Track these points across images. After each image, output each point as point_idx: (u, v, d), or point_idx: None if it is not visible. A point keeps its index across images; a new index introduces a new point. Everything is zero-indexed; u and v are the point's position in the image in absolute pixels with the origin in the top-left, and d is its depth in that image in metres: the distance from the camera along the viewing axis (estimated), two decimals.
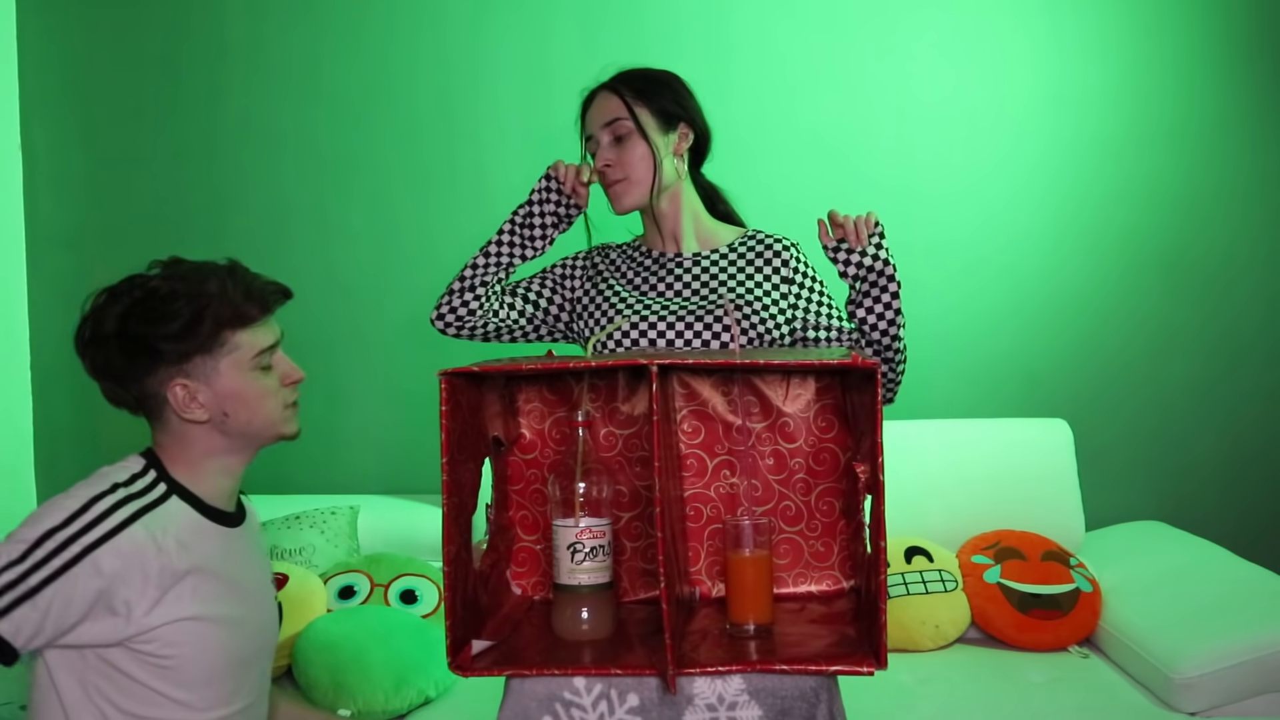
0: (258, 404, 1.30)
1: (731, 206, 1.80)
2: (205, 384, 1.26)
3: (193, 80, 2.83)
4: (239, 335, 1.28)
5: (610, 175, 1.64)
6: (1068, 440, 2.55)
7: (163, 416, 1.29)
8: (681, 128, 1.67)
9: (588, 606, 1.22)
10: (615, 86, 1.66)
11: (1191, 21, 2.75)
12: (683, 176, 1.69)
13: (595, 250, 1.77)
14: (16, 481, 2.84)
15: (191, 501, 1.28)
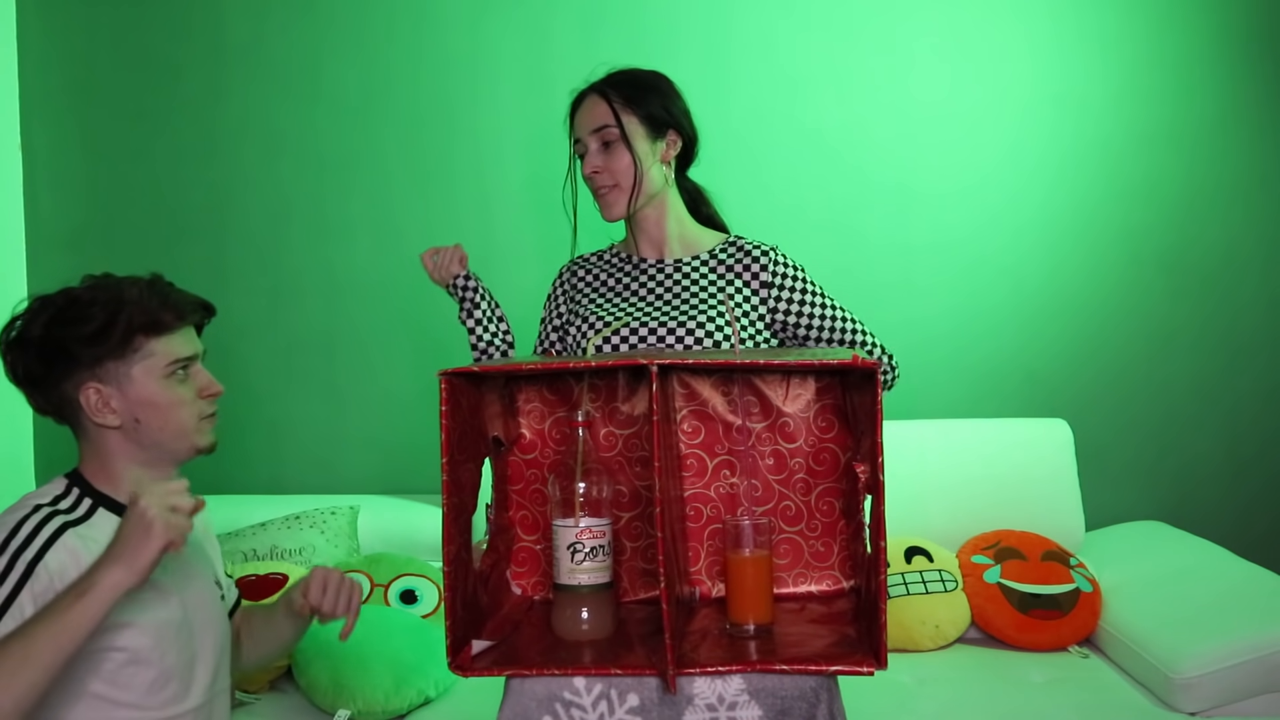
0: (169, 412, 1.30)
1: (714, 209, 1.80)
2: (117, 389, 1.28)
3: (193, 80, 2.83)
4: (153, 343, 1.30)
5: (599, 182, 1.65)
6: (1068, 440, 2.55)
7: (79, 423, 1.31)
8: (670, 135, 1.67)
9: (588, 606, 1.22)
10: (604, 91, 1.65)
11: (1191, 21, 2.75)
12: (669, 183, 1.69)
13: (568, 268, 1.79)
14: (16, 481, 2.84)
15: (118, 511, 1.29)
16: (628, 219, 1.71)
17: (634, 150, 1.62)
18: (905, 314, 2.76)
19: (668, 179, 1.69)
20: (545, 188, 2.82)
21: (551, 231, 2.81)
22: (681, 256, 1.69)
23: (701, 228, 1.74)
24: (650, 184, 1.65)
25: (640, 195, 1.64)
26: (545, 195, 2.81)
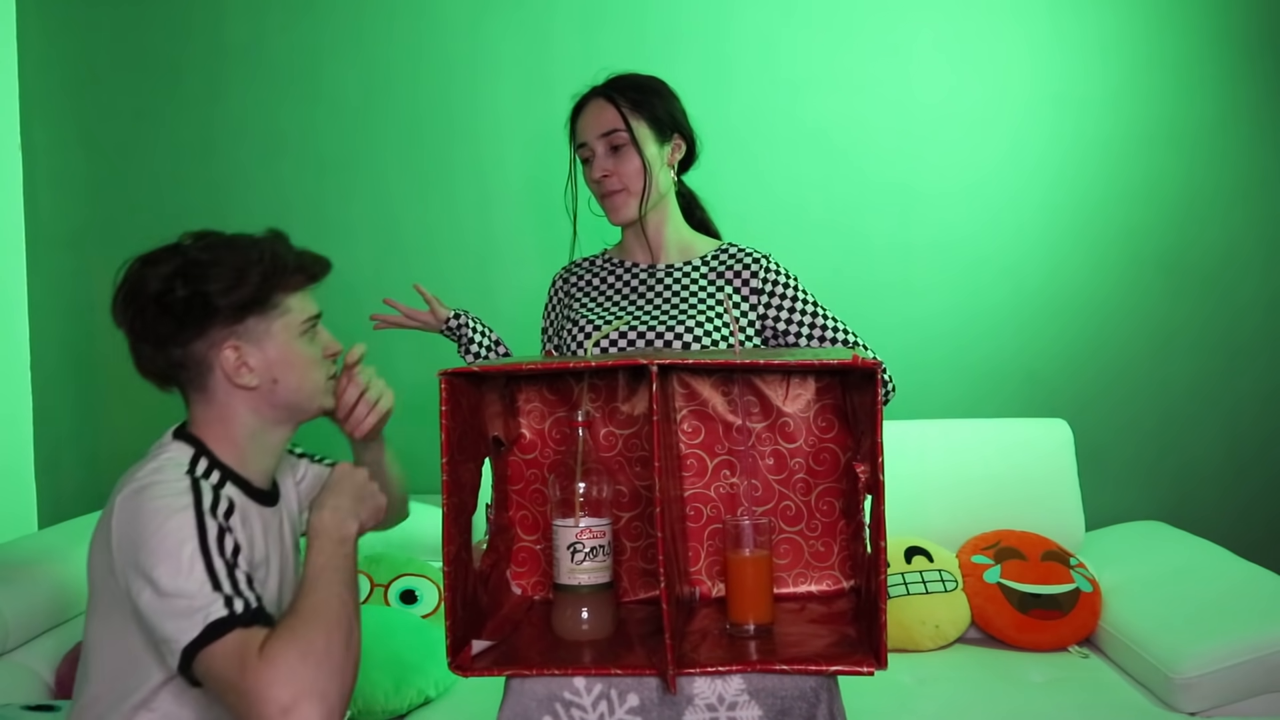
0: (305, 371, 1.27)
1: (707, 214, 1.81)
2: (257, 347, 1.23)
3: (193, 80, 2.83)
4: (291, 299, 1.27)
5: (608, 185, 1.65)
6: (1068, 440, 2.55)
7: (206, 386, 1.23)
8: (675, 139, 1.69)
9: (588, 606, 1.22)
10: (610, 95, 1.66)
11: (1191, 21, 2.75)
12: (673, 188, 1.70)
13: (561, 275, 1.80)
14: (16, 481, 2.84)
15: (240, 485, 1.25)
16: (629, 226, 1.71)
17: (644, 154, 1.63)
18: (905, 314, 2.77)
19: (673, 181, 1.70)
20: (545, 189, 2.82)
21: (551, 232, 2.81)
22: (674, 261, 1.70)
23: (695, 233, 1.75)
24: (659, 187, 1.66)
25: (650, 199, 1.65)
26: (545, 196, 2.81)
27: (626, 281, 1.71)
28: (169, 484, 1.15)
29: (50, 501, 2.88)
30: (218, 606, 1.06)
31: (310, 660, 1.04)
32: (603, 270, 1.76)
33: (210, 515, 1.13)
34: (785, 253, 1.90)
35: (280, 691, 1.01)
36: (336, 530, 1.19)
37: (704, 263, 1.69)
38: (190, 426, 1.26)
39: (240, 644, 1.04)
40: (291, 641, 1.05)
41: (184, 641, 1.05)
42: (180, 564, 1.08)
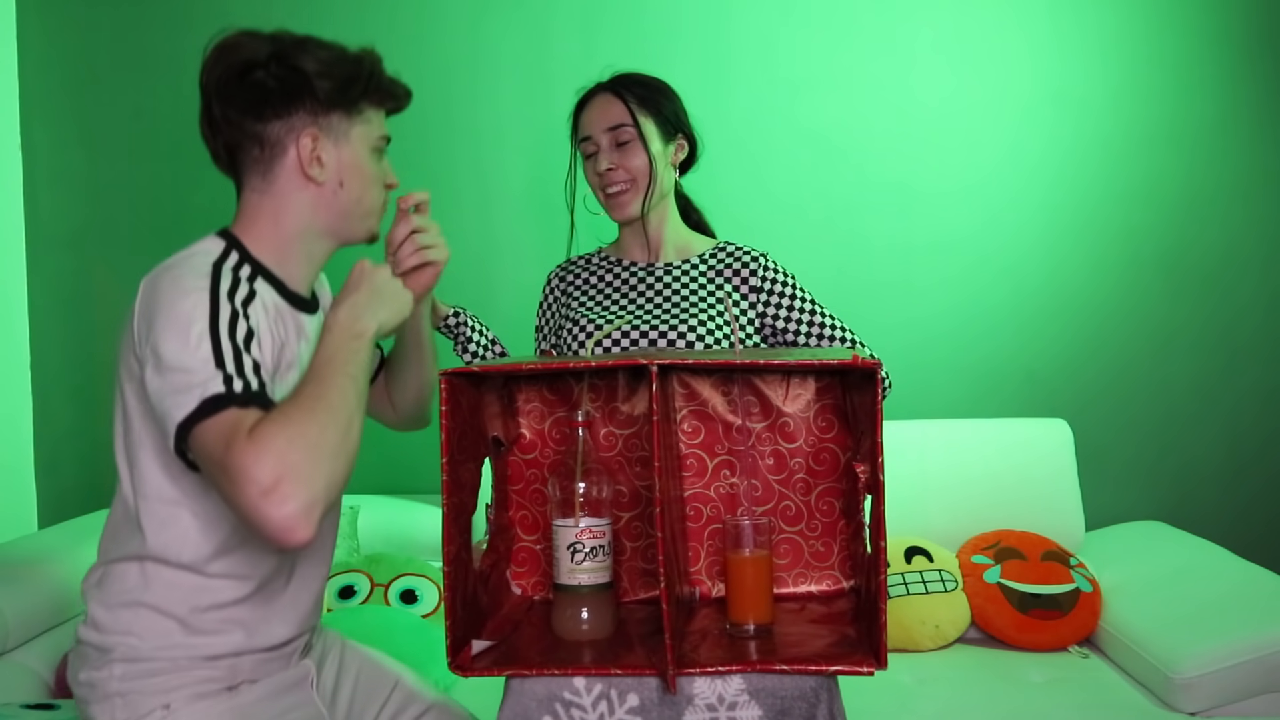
0: (369, 186, 1.27)
1: (703, 217, 1.82)
2: (334, 145, 1.22)
3: (193, 79, 2.81)
4: (372, 113, 1.26)
5: (613, 179, 1.65)
6: (1068, 440, 2.55)
7: (271, 172, 1.21)
8: (679, 139, 1.69)
9: (588, 606, 1.22)
10: (618, 90, 1.66)
11: (1191, 21, 2.75)
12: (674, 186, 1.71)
13: (556, 274, 1.80)
14: (16, 481, 2.84)
15: (275, 285, 1.22)
16: (628, 224, 1.71)
17: (650, 151, 1.63)
18: (905, 314, 2.77)
19: (675, 181, 1.71)
20: (545, 188, 2.82)
21: (551, 232, 2.81)
22: (673, 260, 1.70)
23: (692, 233, 1.76)
24: (663, 186, 1.66)
25: (654, 196, 1.65)
26: (545, 195, 2.81)
27: (625, 280, 1.71)
28: (191, 267, 1.13)
29: (50, 501, 2.88)
30: (216, 383, 1.03)
31: (298, 444, 1.00)
32: (599, 269, 1.76)
33: (226, 299, 1.11)
34: (785, 253, 1.90)
35: (262, 471, 0.97)
36: (351, 325, 1.15)
37: (702, 261, 1.70)
38: (233, 224, 1.23)
39: (233, 422, 1.01)
40: (283, 425, 1.01)
41: (179, 417, 1.03)
42: (187, 340, 1.06)
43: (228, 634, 1.19)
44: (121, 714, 1.15)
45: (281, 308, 1.22)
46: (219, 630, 1.18)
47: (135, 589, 1.17)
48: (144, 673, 1.16)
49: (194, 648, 1.17)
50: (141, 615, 1.16)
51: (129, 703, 1.15)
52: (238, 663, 1.20)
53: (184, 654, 1.17)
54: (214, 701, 1.17)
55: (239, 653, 1.20)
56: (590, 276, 1.75)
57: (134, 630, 1.16)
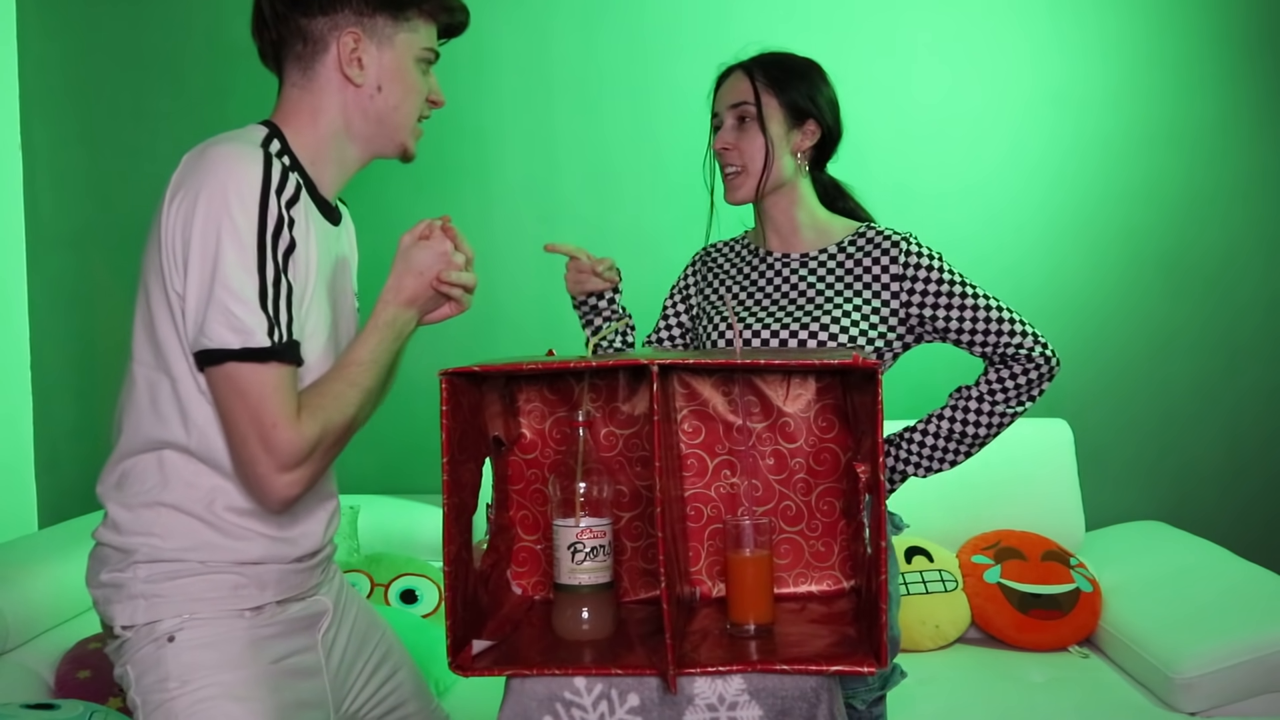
0: (408, 94, 1.27)
1: (857, 202, 1.72)
2: (376, 47, 1.23)
3: (193, 80, 2.83)
4: (421, 22, 1.26)
5: (727, 159, 1.60)
6: (1068, 440, 2.55)
7: (312, 68, 1.23)
8: (809, 124, 1.60)
9: (588, 606, 1.22)
10: (750, 69, 1.60)
11: (1191, 21, 2.75)
12: (801, 174, 1.62)
13: (700, 257, 1.75)
14: (16, 481, 2.84)
15: (306, 184, 1.23)
16: (756, 207, 1.65)
17: (768, 133, 1.56)
18: None
19: (800, 169, 1.62)
20: (546, 188, 2.82)
21: (551, 231, 2.81)
22: (809, 250, 1.62)
23: (834, 216, 1.65)
24: (780, 171, 1.58)
25: (769, 181, 1.57)
26: (546, 196, 2.82)
27: (761, 272, 1.64)
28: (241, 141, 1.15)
29: (50, 501, 2.88)
30: (261, 332, 1.09)
31: (326, 443, 1.14)
32: (737, 258, 1.70)
33: (275, 196, 1.12)
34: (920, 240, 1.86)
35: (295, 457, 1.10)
36: (398, 326, 1.24)
37: (840, 249, 1.61)
38: (273, 115, 1.26)
39: (282, 385, 1.10)
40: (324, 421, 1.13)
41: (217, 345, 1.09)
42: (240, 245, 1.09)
43: (249, 539, 1.20)
44: (142, 616, 1.16)
45: (310, 208, 1.23)
46: (240, 533, 1.19)
47: (155, 488, 1.18)
48: (168, 574, 1.17)
49: (218, 549, 1.18)
50: (162, 515, 1.17)
51: (152, 606, 1.16)
52: (263, 573, 1.21)
53: (209, 555, 1.18)
54: (230, 625, 1.18)
55: (263, 560, 1.21)
56: (729, 265, 1.69)
57: (155, 530, 1.17)
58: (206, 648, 1.16)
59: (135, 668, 1.16)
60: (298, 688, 1.24)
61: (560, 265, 1.84)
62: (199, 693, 1.14)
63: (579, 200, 2.79)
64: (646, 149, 2.76)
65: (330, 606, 1.33)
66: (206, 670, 1.15)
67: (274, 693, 1.19)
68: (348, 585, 1.45)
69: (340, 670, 1.35)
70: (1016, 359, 1.57)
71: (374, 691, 1.41)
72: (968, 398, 1.63)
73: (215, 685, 1.15)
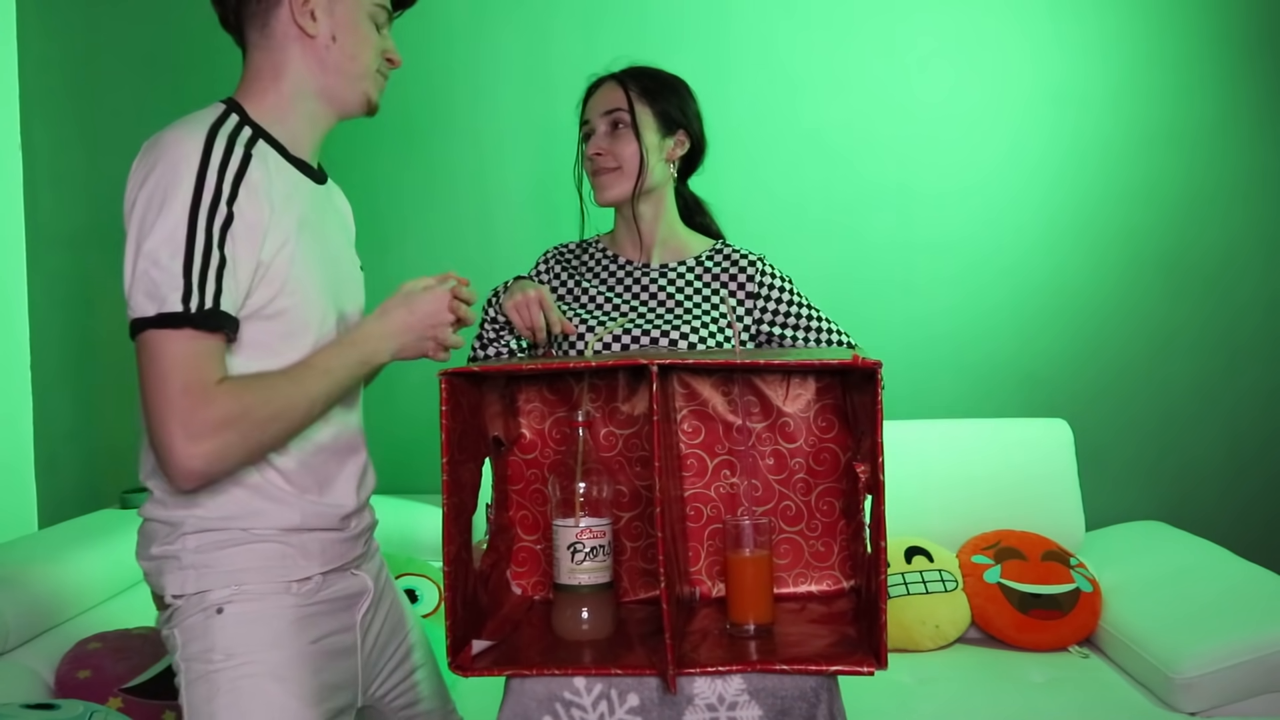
0: (362, 46, 1.31)
1: (712, 219, 1.78)
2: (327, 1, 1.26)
3: (193, 80, 2.83)
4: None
5: (600, 163, 1.64)
6: (1068, 440, 2.55)
7: (268, 25, 1.28)
8: (679, 134, 1.67)
9: (588, 606, 1.22)
10: (622, 79, 1.66)
11: (1191, 21, 2.75)
12: (670, 183, 1.68)
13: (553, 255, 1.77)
14: (16, 481, 2.84)
15: (276, 148, 1.25)
16: (620, 213, 1.69)
17: (641, 139, 1.61)
18: (906, 313, 2.77)
19: (670, 176, 1.68)
20: (546, 189, 2.82)
21: (551, 231, 2.81)
22: (668, 261, 1.68)
23: (691, 233, 1.72)
24: (652, 177, 1.63)
25: (641, 186, 1.63)
26: (545, 195, 2.82)
27: (620, 279, 1.69)
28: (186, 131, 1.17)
29: (50, 501, 2.88)
30: (175, 296, 1.09)
31: (243, 426, 1.10)
32: (592, 260, 1.73)
33: (215, 173, 1.14)
34: (785, 253, 1.90)
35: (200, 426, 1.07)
36: (371, 352, 1.23)
37: (698, 263, 1.68)
38: (236, 90, 1.30)
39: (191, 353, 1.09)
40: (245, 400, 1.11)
41: (136, 314, 1.10)
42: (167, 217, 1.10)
43: (286, 502, 1.22)
44: (192, 586, 1.19)
45: (284, 166, 1.25)
46: (277, 494, 1.21)
47: None
48: (215, 544, 1.20)
49: (258, 515, 1.21)
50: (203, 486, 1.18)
51: (202, 576, 1.19)
52: (306, 541, 1.23)
53: (251, 523, 1.20)
54: (278, 600, 1.21)
55: (303, 526, 1.23)
56: (583, 268, 1.73)
57: (199, 501, 1.19)
58: (253, 623, 1.19)
59: (184, 634, 1.19)
60: (334, 668, 1.27)
61: None
62: (242, 669, 1.18)
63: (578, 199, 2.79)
64: None
65: (370, 585, 1.34)
66: (251, 647, 1.19)
67: (312, 674, 1.22)
68: (387, 571, 1.46)
69: (373, 654, 1.37)
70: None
71: (397, 683, 1.43)
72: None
73: (258, 663, 1.18)
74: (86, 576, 2.12)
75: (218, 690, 1.17)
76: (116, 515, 2.44)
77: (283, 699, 1.19)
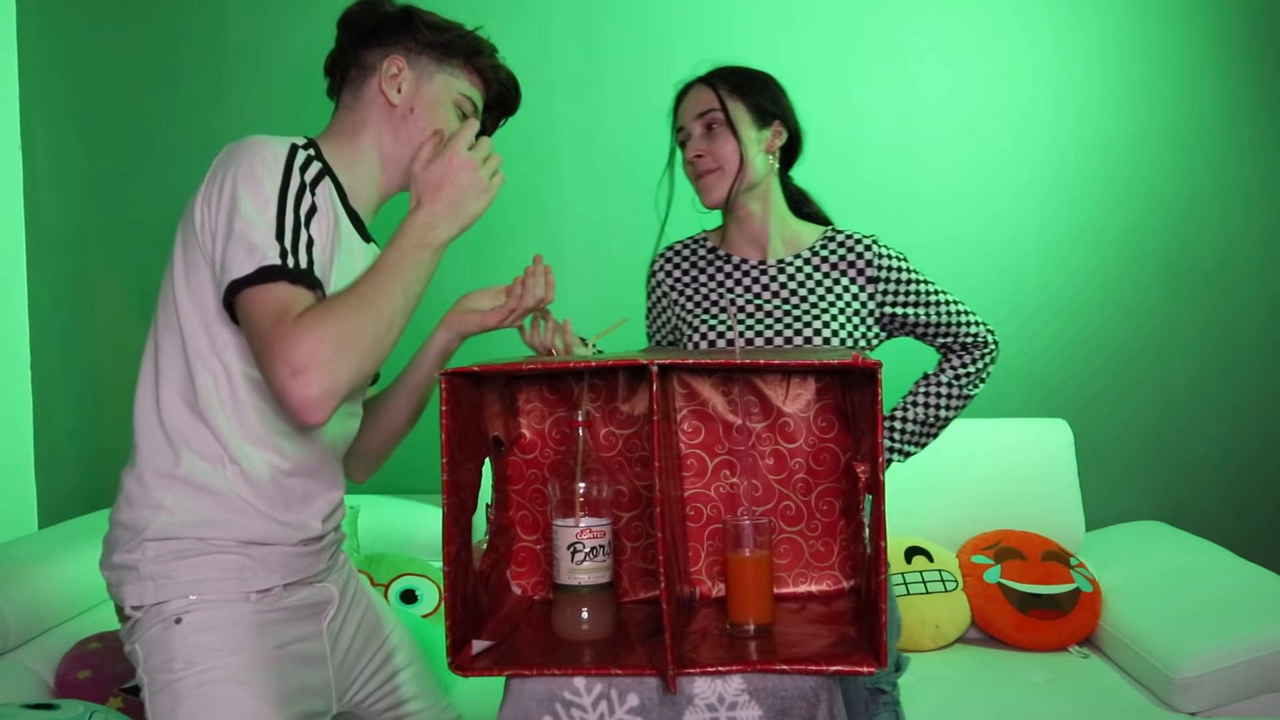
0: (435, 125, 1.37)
1: (818, 206, 1.77)
2: (416, 77, 1.36)
3: (193, 80, 2.83)
4: (464, 74, 1.39)
5: (701, 165, 1.62)
6: (1068, 440, 2.55)
7: (359, 89, 1.37)
8: (775, 125, 1.65)
9: (588, 606, 1.22)
10: (711, 80, 1.64)
11: (1191, 21, 2.75)
12: (773, 174, 1.66)
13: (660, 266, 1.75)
14: (16, 481, 2.84)
15: (339, 191, 1.32)
16: (727, 213, 1.67)
17: (739, 135, 1.60)
18: None
19: (772, 169, 1.65)
20: (545, 189, 2.82)
21: (551, 232, 2.81)
22: (784, 256, 1.66)
23: (802, 222, 1.71)
24: (754, 172, 1.61)
25: (743, 181, 1.61)
26: (545, 195, 2.82)
27: (739, 280, 1.66)
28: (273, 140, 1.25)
29: (50, 501, 2.88)
30: (273, 254, 1.14)
31: (335, 339, 1.11)
32: (704, 261, 1.71)
33: (298, 171, 1.22)
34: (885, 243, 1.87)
35: (296, 356, 1.09)
36: (424, 235, 1.28)
37: (814, 253, 1.66)
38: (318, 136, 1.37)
39: (283, 299, 1.13)
40: (329, 318, 1.12)
41: (234, 275, 1.14)
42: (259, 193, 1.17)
43: (249, 514, 1.23)
44: (151, 597, 1.20)
45: (340, 213, 1.31)
46: (240, 507, 1.23)
47: (164, 460, 1.22)
48: (175, 553, 1.21)
49: (222, 525, 1.22)
50: (173, 488, 1.21)
51: (160, 587, 1.20)
52: (267, 554, 1.25)
53: (214, 533, 1.22)
54: (237, 607, 1.22)
55: (265, 541, 1.24)
56: (696, 271, 1.70)
57: (165, 504, 1.21)
58: (212, 631, 1.20)
59: (144, 647, 1.20)
60: (301, 674, 1.27)
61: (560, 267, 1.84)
62: (203, 675, 1.18)
63: (579, 200, 2.79)
64: (646, 149, 2.75)
65: (336, 595, 1.36)
66: (211, 653, 1.19)
67: (277, 678, 1.22)
68: (358, 579, 1.47)
69: (346, 660, 1.38)
70: (975, 346, 1.70)
71: (379, 686, 1.44)
72: (937, 384, 1.72)
73: (219, 668, 1.19)
74: (87, 576, 2.12)
75: (180, 698, 1.18)
76: None
77: (246, 701, 1.19)
